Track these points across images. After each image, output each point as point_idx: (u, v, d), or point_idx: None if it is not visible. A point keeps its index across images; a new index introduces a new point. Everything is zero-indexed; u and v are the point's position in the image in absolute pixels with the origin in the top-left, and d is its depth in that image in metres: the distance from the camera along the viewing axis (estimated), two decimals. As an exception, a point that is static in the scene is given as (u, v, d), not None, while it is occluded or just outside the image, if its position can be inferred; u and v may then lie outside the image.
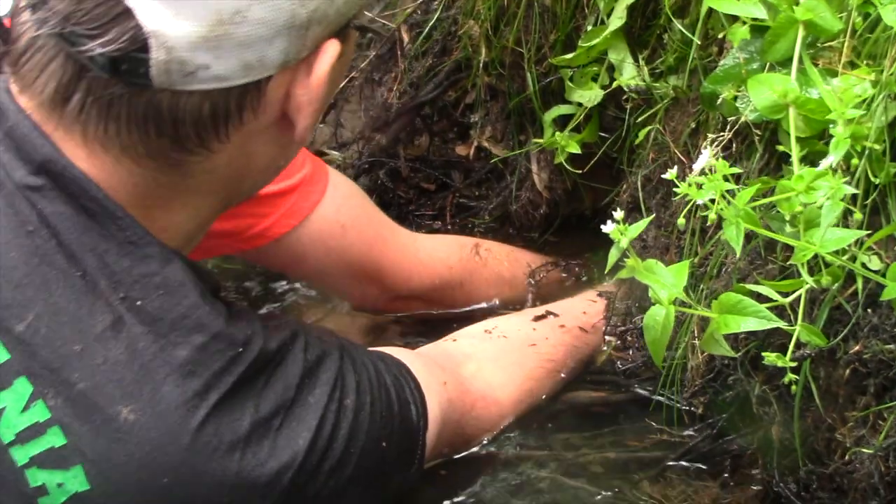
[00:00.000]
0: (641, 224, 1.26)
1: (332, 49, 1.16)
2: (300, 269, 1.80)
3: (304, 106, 1.17)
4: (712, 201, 1.18)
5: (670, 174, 1.18)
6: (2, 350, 1.12)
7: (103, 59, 1.08)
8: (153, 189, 1.17)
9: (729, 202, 1.17)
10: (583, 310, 1.79)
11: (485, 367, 1.61)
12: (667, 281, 1.27)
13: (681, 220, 1.23)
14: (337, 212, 1.74)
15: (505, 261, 1.95)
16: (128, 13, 1.06)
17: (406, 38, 1.99)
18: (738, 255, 1.19)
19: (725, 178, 1.16)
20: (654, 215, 1.41)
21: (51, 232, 1.13)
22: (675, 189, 1.16)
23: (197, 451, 1.13)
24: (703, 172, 1.29)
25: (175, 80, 1.09)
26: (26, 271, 1.13)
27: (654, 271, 1.28)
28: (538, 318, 1.75)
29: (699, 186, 1.18)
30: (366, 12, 1.26)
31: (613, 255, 1.26)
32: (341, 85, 1.84)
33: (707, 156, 1.15)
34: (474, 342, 1.68)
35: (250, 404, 1.16)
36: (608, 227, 1.23)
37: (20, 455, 1.12)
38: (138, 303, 1.13)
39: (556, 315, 1.76)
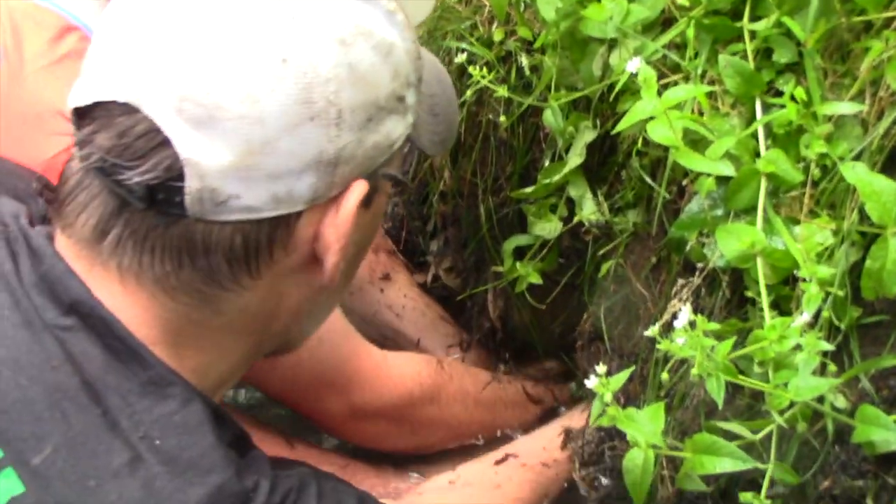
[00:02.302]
0: (623, 375, 1.30)
1: (359, 188, 1.18)
2: (273, 379, 1.80)
3: (332, 244, 1.19)
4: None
5: (652, 331, 1.23)
6: (17, 482, 1.11)
7: (140, 188, 1.11)
8: (185, 326, 1.19)
9: (709, 355, 1.22)
10: (542, 446, 1.85)
11: None
12: (646, 427, 1.31)
13: (664, 376, 1.28)
14: None
15: (466, 375, 1.99)
16: (165, 143, 1.10)
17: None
18: (720, 407, 1.23)
19: (705, 334, 1.21)
20: (633, 366, 1.45)
21: (75, 368, 1.14)
22: (658, 346, 1.21)
23: None
24: (674, 316, 1.37)
25: (207, 210, 1.11)
26: (47, 405, 1.13)
27: (633, 418, 1.32)
28: (499, 462, 1.81)
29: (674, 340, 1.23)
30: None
31: (597, 407, 1.30)
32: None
33: (687, 314, 1.20)
34: (440, 494, 1.72)
35: None
36: (591, 381, 1.28)
37: None
38: (157, 442, 1.14)
39: (516, 456, 1.81)
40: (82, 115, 1.14)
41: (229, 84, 1.09)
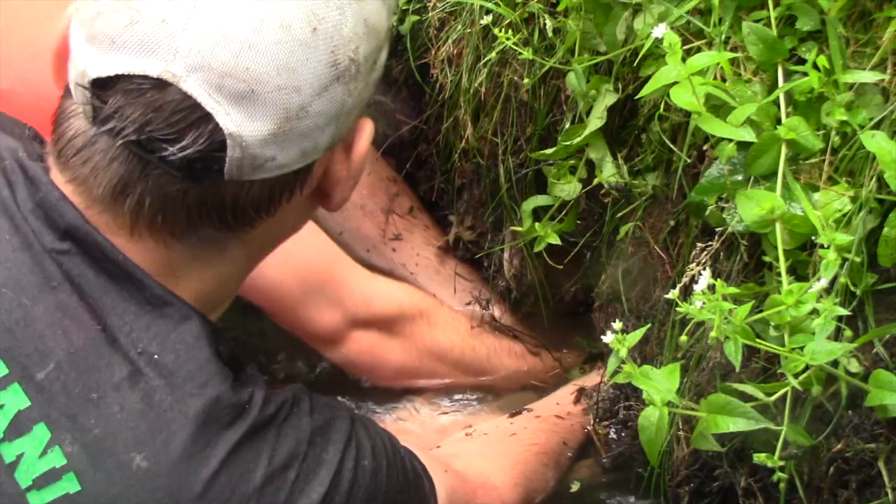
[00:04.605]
0: (638, 333, 1.33)
1: (368, 127, 1.26)
2: (259, 279, 1.71)
3: (343, 181, 1.26)
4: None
5: (672, 294, 1.25)
6: (23, 397, 1.16)
7: (180, 161, 1.13)
8: (189, 262, 1.23)
9: (727, 319, 1.24)
10: (556, 402, 1.88)
11: (473, 461, 1.68)
12: (661, 385, 1.34)
13: (683, 338, 1.30)
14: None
15: (461, 313, 2.03)
16: (206, 118, 1.12)
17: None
18: (737, 369, 1.26)
19: (724, 297, 1.23)
20: (648, 324, 1.47)
21: (74, 288, 1.18)
22: (676, 309, 1.23)
23: (209, 501, 1.16)
24: (692, 280, 1.39)
25: (245, 173, 1.16)
26: (48, 323, 1.17)
27: (648, 376, 1.35)
28: (514, 415, 1.84)
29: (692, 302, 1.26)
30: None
31: (612, 363, 1.33)
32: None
33: (707, 278, 1.22)
34: (457, 444, 1.77)
35: (264, 456, 1.20)
36: (608, 337, 1.30)
37: (36, 501, 1.14)
38: (155, 356, 1.18)
39: (530, 410, 1.84)
40: (103, 86, 1.14)
41: (268, 58, 1.12)
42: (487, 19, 1.75)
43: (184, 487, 1.15)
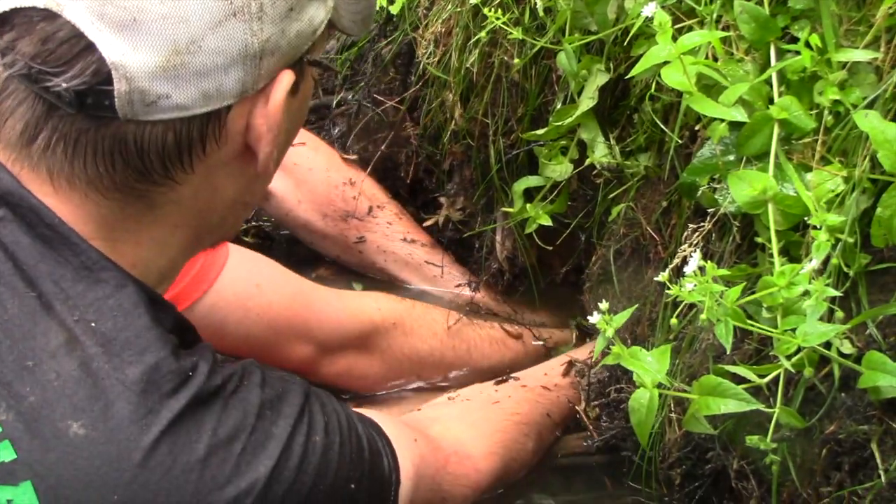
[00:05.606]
0: (625, 314, 1.32)
1: (286, 78, 1.20)
2: (225, 337, 1.77)
3: (264, 135, 1.20)
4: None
5: (662, 276, 1.24)
6: None
7: (69, 94, 1.12)
8: (119, 221, 1.20)
9: (718, 301, 1.23)
10: (544, 372, 1.86)
11: (452, 426, 1.66)
12: (651, 366, 1.33)
13: (674, 321, 1.29)
14: (249, 273, 1.77)
15: (433, 309, 2.01)
16: (90, 48, 1.10)
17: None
18: (728, 351, 1.25)
19: (714, 279, 1.22)
20: (636, 304, 1.46)
21: (8, 256, 1.16)
22: (667, 291, 1.22)
23: (150, 469, 1.13)
24: (684, 261, 1.38)
25: (138, 111, 1.13)
26: None
27: (637, 357, 1.33)
28: (499, 382, 1.82)
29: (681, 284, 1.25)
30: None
31: (600, 344, 1.32)
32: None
33: (697, 259, 1.21)
34: (438, 408, 1.74)
35: (208, 427, 1.17)
36: (594, 318, 1.29)
37: None
38: (92, 324, 1.15)
39: (517, 379, 1.82)
40: (1, 23, 1.14)
41: None
42: (477, -2, 1.74)
43: (123, 455, 1.12)
